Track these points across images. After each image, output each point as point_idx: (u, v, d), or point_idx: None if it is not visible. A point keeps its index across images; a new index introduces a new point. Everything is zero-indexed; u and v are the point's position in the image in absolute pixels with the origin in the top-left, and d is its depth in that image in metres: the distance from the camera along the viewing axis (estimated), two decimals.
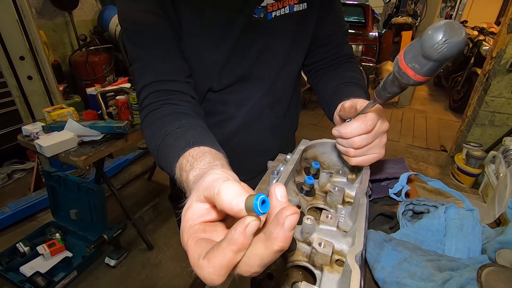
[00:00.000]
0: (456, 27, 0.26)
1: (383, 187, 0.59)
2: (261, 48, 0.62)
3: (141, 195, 2.35)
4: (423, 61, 0.28)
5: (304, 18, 0.64)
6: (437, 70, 0.29)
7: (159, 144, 0.46)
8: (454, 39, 0.26)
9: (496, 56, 2.36)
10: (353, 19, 5.63)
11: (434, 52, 0.27)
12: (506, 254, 0.34)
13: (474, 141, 2.55)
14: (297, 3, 0.62)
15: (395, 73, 0.32)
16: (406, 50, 0.30)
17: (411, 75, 0.30)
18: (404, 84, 0.33)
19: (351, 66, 0.69)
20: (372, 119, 0.44)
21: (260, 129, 0.70)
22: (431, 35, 0.27)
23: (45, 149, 1.26)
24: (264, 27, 0.60)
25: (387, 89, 0.35)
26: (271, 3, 0.59)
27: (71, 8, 2.96)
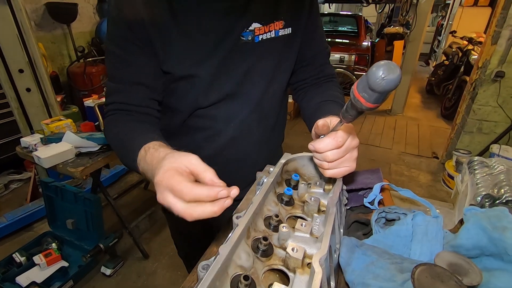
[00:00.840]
0: (392, 67, 0.32)
1: (359, 196, 0.63)
2: (248, 68, 0.67)
3: (137, 204, 2.38)
4: (370, 92, 0.34)
5: (289, 41, 0.69)
6: (382, 99, 0.35)
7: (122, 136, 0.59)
8: (390, 76, 0.32)
9: (482, 66, 2.44)
10: (346, 29, 5.77)
11: (376, 86, 0.33)
12: (443, 255, 0.39)
13: (463, 148, 2.62)
14: (282, 28, 0.67)
15: (352, 100, 0.38)
16: (358, 82, 0.36)
17: (363, 102, 0.36)
18: (359, 109, 0.38)
19: (332, 85, 0.75)
20: (342, 136, 0.49)
21: (248, 143, 0.75)
22: (374, 72, 0.32)
23: (44, 160, 1.29)
24: (251, 49, 0.65)
25: (348, 112, 0.40)
26: (258, 27, 0.64)
27: (69, 21, 3.04)
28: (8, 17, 1.84)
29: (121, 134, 0.59)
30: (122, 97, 0.62)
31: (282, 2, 0.66)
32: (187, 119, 0.72)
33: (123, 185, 2.57)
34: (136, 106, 0.63)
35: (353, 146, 0.51)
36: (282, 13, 0.66)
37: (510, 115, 2.39)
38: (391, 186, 0.62)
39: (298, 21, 0.69)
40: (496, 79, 2.33)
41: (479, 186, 0.55)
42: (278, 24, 0.66)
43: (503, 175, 0.57)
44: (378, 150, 3.37)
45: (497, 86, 2.35)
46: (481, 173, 0.59)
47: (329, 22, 6.26)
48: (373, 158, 3.17)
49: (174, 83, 0.66)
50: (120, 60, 0.61)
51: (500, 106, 2.39)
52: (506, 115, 2.40)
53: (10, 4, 1.83)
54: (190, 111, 0.70)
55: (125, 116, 0.62)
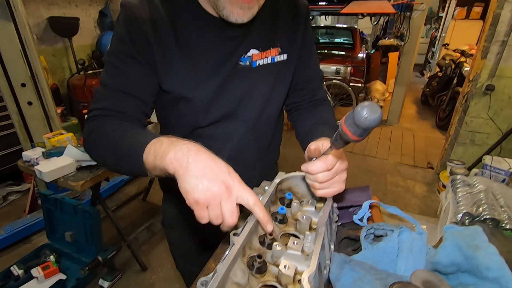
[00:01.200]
0: (374, 108, 0.36)
1: (350, 213, 0.67)
2: (245, 91, 0.71)
3: (136, 215, 2.39)
4: (355, 127, 0.38)
5: (284, 67, 0.74)
6: (366, 134, 0.40)
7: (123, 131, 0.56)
8: (372, 116, 0.36)
9: (473, 79, 2.52)
10: (343, 40, 5.90)
11: (361, 123, 0.37)
12: (419, 273, 0.42)
13: (457, 159, 2.67)
14: (278, 55, 0.72)
15: (340, 131, 0.42)
16: (346, 117, 0.40)
17: (350, 135, 0.40)
18: (346, 140, 0.42)
19: (324, 108, 0.80)
20: (332, 159, 0.53)
21: (244, 161, 0.79)
22: (359, 112, 0.37)
23: (45, 174, 1.32)
24: (249, 73, 0.70)
25: (338, 141, 0.45)
26: (256, 53, 0.69)
27: (71, 35, 3.10)
28: (12, 33, 1.89)
29: (121, 130, 0.56)
30: (113, 104, 0.61)
31: (278, 31, 0.71)
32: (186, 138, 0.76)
33: (122, 196, 2.58)
34: (126, 114, 0.62)
35: (342, 169, 0.55)
36: (278, 41, 0.72)
37: (501, 127, 2.45)
38: (380, 204, 0.66)
39: (293, 49, 0.74)
40: (487, 92, 2.40)
41: (460, 204, 0.59)
42: (275, 50, 0.71)
43: (482, 193, 0.60)
44: (375, 161, 3.41)
45: (488, 99, 2.42)
46: (463, 191, 0.63)
47: (326, 34, 6.40)
48: (370, 169, 3.21)
49: (174, 103, 0.69)
50: (117, 71, 0.62)
51: (491, 118, 2.45)
52: (497, 127, 2.46)
53: (15, 21, 1.89)
54: (189, 130, 0.74)
55: (118, 119, 0.61)
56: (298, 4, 0.74)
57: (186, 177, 0.43)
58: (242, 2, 0.57)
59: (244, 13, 0.58)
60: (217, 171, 0.44)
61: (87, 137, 0.62)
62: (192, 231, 0.92)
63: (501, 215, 0.55)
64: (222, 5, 0.58)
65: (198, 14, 0.64)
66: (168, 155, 0.45)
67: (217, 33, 0.65)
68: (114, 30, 0.63)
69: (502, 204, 0.58)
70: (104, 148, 0.58)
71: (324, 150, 0.54)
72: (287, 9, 0.72)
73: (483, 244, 0.42)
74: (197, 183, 0.42)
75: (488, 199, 0.58)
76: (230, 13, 0.58)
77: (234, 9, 0.57)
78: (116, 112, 0.61)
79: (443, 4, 7.47)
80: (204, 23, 0.64)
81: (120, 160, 0.55)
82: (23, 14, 1.89)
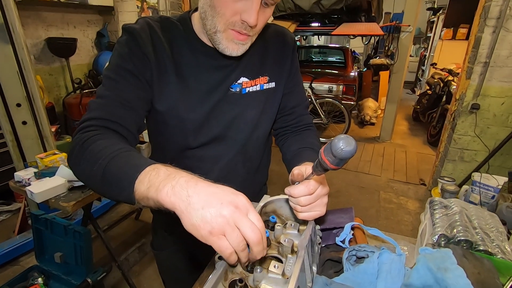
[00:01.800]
0: (350, 141, 0.40)
1: (333, 234, 0.69)
2: (235, 115, 0.75)
3: (128, 235, 2.36)
4: (333, 157, 0.42)
5: (272, 94, 0.79)
6: (343, 164, 0.43)
7: (115, 151, 0.50)
8: (348, 148, 0.40)
9: (459, 98, 2.60)
10: (335, 59, 6.08)
11: (337, 154, 0.41)
12: None
13: (447, 175, 2.71)
14: (266, 83, 0.78)
15: (319, 160, 0.45)
16: (325, 147, 0.44)
17: (328, 164, 0.44)
18: (325, 168, 0.45)
19: (309, 134, 0.84)
20: (313, 184, 0.56)
21: (233, 183, 0.81)
22: (336, 144, 0.40)
23: (36, 195, 1.32)
24: (238, 99, 0.74)
25: (318, 167, 0.48)
26: (246, 81, 0.74)
27: (68, 55, 3.16)
28: (9, 54, 1.93)
29: (116, 149, 0.51)
30: (110, 113, 0.59)
31: (267, 61, 0.77)
32: (176, 160, 0.78)
33: (114, 215, 2.56)
34: (122, 125, 0.60)
35: (323, 194, 0.58)
36: (267, 70, 0.77)
37: (487, 145, 2.51)
38: (361, 226, 0.68)
39: (281, 77, 0.79)
40: (473, 111, 2.48)
41: (436, 226, 0.62)
42: (263, 79, 0.76)
43: (457, 215, 0.63)
44: (368, 178, 3.44)
45: (474, 117, 2.50)
46: (439, 213, 0.66)
47: (319, 53, 6.59)
48: (363, 185, 3.24)
49: (166, 122, 0.72)
50: (115, 84, 0.62)
51: (478, 136, 2.52)
52: (484, 144, 2.52)
53: (13, 43, 1.93)
54: (179, 150, 0.77)
55: (112, 133, 0.58)
56: (286, 37, 0.80)
57: (190, 211, 0.39)
58: (237, 39, 0.63)
59: (238, 48, 0.64)
60: (221, 195, 0.41)
61: (75, 149, 0.55)
62: (181, 253, 0.92)
63: (475, 237, 0.57)
64: (219, 40, 0.63)
65: (194, 43, 0.69)
66: (165, 189, 0.41)
67: (211, 61, 0.70)
68: (114, 49, 0.65)
69: (476, 226, 0.60)
70: (91, 164, 0.50)
71: (307, 175, 0.57)
72: (276, 42, 0.78)
73: (452, 266, 0.44)
74: (204, 214, 0.38)
75: (462, 221, 0.60)
76: (226, 48, 0.64)
77: (230, 44, 0.63)
78: (112, 122, 0.59)
79: (430, 25, 7.78)
80: (199, 51, 0.70)
81: (107, 182, 0.48)
82: (21, 36, 1.94)
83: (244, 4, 0.58)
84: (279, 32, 0.80)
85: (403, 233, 2.47)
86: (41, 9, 2.97)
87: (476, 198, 2.31)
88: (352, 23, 3.98)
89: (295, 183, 0.60)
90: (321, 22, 4.32)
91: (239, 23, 0.60)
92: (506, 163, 2.54)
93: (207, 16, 0.62)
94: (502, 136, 2.46)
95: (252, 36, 0.65)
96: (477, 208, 0.66)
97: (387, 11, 6.78)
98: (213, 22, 0.61)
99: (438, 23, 6.85)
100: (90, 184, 0.53)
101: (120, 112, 0.61)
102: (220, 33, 0.62)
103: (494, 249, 0.57)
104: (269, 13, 0.63)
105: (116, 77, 0.62)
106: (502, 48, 2.26)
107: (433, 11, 7.29)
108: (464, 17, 5.66)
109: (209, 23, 0.62)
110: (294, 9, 3.58)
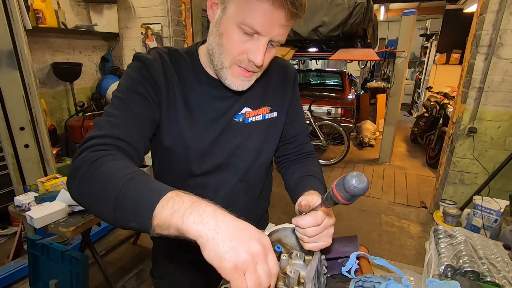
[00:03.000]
0: (362, 178, 0.42)
1: (339, 264, 0.69)
2: (238, 144, 0.77)
3: (125, 260, 2.30)
4: (345, 193, 0.43)
5: (274, 123, 0.82)
6: (354, 199, 0.45)
7: (131, 174, 0.48)
8: (360, 186, 0.42)
9: (456, 121, 2.65)
10: (333, 82, 6.23)
11: (350, 191, 0.43)
12: None
13: (448, 198, 2.70)
14: (269, 112, 0.80)
15: (331, 194, 0.46)
16: (337, 182, 0.45)
17: (340, 199, 0.45)
18: (336, 202, 0.46)
19: (311, 161, 0.86)
20: (321, 215, 0.57)
21: (235, 210, 0.81)
22: (349, 181, 0.42)
23: (36, 221, 1.31)
24: (242, 128, 0.77)
25: (328, 201, 0.49)
26: (249, 111, 0.77)
27: (73, 79, 3.24)
28: (17, 79, 1.98)
29: (131, 171, 0.48)
30: (119, 131, 0.57)
31: (269, 93, 0.80)
32: (178, 187, 0.79)
33: (111, 239, 2.51)
34: (130, 144, 0.58)
35: (330, 224, 0.59)
36: (269, 101, 0.80)
37: (487, 168, 2.52)
38: (366, 256, 0.68)
39: (282, 107, 0.82)
40: (470, 134, 2.52)
41: (442, 256, 0.62)
42: (266, 109, 0.79)
43: (462, 245, 0.63)
44: (368, 200, 3.42)
45: (472, 140, 2.53)
46: (444, 242, 0.66)
47: (317, 77, 6.77)
48: (364, 208, 3.21)
49: (171, 148, 0.74)
50: (124, 103, 0.62)
51: (477, 159, 2.54)
52: (483, 167, 2.53)
53: (21, 69, 1.99)
54: (182, 177, 0.78)
55: (122, 153, 0.56)
56: (287, 69, 0.84)
57: (217, 241, 0.38)
58: (243, 76, 0.66)
59: (243, 84, 0.68)
60: (249, 231, 0.40)
61: (80, 168, 0.50)
62: (182, 282, 0.91)
63: (481, 267, 0.57)
64: (225, 76, 0.66)
65: (200, 74, 0.73)
66: (192, 216, 0.40)
67: (216, 91, 0.73)
68: (125, 73, 0.67)
69: (481, 255, 0.60)
70: (102, 186, 0.47)
71: (314, 206, 0.58)
72: (278, 74, 0.82)
73: None
74: (233, 246, 0.38)
75: (468, 250, 0.60)
76: (232, 83, 0.67)
77: (235, 80, 0.67)
78: (121, 141, 0.57)
79: (424, 50, 8.05)
80: (204, 82, 0.73)
81: (122, 206, 0.44)
82: (29, 62, 2.00)
83: (252, 45, 0.61)
84: (281, 64, 0.84)
85: (407, 258, 2.42)
86: (49, 35, 3.08)
87: (479, 222, 2.29)
88: (349, 49, 4.13)
89: (302, 213, 0.60)
90: (318, 47, 4.48)
91: (246, 61, 0.63)
92: (507, 186, 2.54)
93: (215, 53, 0.65)
94: (500, 159, 2.48)
95: (257, 73, 0.68)
96: (482, 237, 0.66)
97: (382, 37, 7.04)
98: (220, 59, 0.65)
99: (431, 48, 7.08)
100: (96, 206, 0.48)
101: (130, 131, 0.59)
102: (227, 69, 0.65)
103: (501, 281, 0.57)
104: (274, 52, 0.66)
105: (127, 97, 0.62)
106: (495, 74, 2.34)
107: (426, 37, 7.56)
108: (456, 43, 5.87)
109: (216, 60, 0.65)
110: (293, 35, 3.73)
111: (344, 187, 0.43)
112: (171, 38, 3.25)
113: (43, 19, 2.73)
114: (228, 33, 0.61)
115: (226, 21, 0.60)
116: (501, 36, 2.24)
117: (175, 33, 3.28)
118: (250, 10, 0.56)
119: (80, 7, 3.42)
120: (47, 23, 2.75)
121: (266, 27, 0.58)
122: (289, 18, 0.58)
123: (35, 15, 2.68)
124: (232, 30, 0.60)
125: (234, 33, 0.60)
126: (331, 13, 3.41)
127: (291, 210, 3.00)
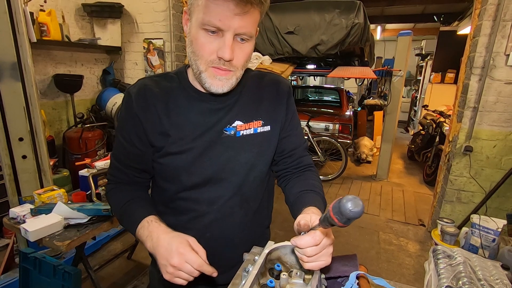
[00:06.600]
0: (358, 202, 0.43)
1: (338, 283, 0.68)
2: (229, 157, 0.78)
3: (119, 275, 2.25)
4: (341, 216, 0.44)
5: (267, 137, 0.82)
6: (350, 222, 0.45)
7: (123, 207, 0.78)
8: (355, 209, 0.43)
9: (452, 140, 2.69)
10: (331, 98, 6.32)
11: (346, 214, 0.44)
12: None
13: (446, 217, 2.70)
14: (261, 126, 0.81)
15: (327, 216, 0.47)
16: (333, 205, 0.47)
17: (336, 221, 0.46)
18: (333, 224, 0.47)
19: (310, 174, 0.86)
20: (319, 235, 0.57)
21: (231, 225, 0.82)
22: (344, 204, 0.43)
23: (30, 234, 1.29)
24: (233, 141, 0.78)
25: (324, 222, 0.50)
26: (240, 124, 0.78)
27: (74, 91, 3.26)
28: (18, 91, 2.00)
29: (123, 203, 0.78)
30: (123, 175, 0.82)
31: (261, 107, 0.81)
32: (172, 201, 0.82)
33: (106, 253, 2.46)
34: (133, 182, 0.82)
35: (328, 244, 0.59)
36: (261, 115, 0.81)
37: (483, 187, 2.54)
38: (366, 275, 0.68)
39: (275, 122, 0.83)
40: (466, 153, 2.54)
41: (442, 277, 0.62)
42: (257, 123, 0.80)
43: (461, 266, 0.63)
44: (366, 217, 3.40)
45: (468, 159, 2.56)
46: (443, 263, 0.66)
47: (315, 93, 6.87)
48: (362, 225, 3.19)
49: (160, 164, 0.77)
50: (123, 147, 0.79)
51: (473, 177, 2.56)
52: (480, 186, 2.55)
53: (23, 80, 2.00)
54: (174, 191, 0.79)
55: (127, 185, 0.82)
56: (280, 85, 0.85)
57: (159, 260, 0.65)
58: (219, 75, 0.69)
59: (222, 84, 0.70)
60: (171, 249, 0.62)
61: (108, 191, 0.84)
62: None
63: None
64: (204, 79, 0.70)
65: (189, 91, 0.77)
66: (148, 244, 0.68)
67: (205, 104, 0.76)
68: (120, 110, 0.79)
69: (481, 277, 0.60)
70: (115, 206, 0.81)
71: (313, 225, 0.58)
72: (271, 90, 0.84)
73: None
74: (164, 264, 0.63)
75: (467, 272, 0.61)
76: (211, 85, 0.70)
77: (213, 81, 0.69)
78: (125, 180, 0.82)
79: (420, 69, 8.24)
80: (193, 97, 0.77)
81: (124, 221, 0.78)
82: (32, 74, 2.02)
83: (218, 42, 0.64)
84: (274, 80, 0.86)
85: (405, 277, 2.39)
86: (53, 48, 3.13)
87: (477, 241, 2.28)
88: (347, 67, 4.22)
89: (301, 232, 0.61)
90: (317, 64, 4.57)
91: (217, 60, 0.67)
92: (504, 205, 2.55)
93: (192, 62, 0.70)
94: (497, 178, 2.50)
95: (235, 71, 0.70)
96: (480, 258, 0.66)
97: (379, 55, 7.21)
98: (197, 65, 0.69)
99: (426, 67, 7.25)
100: (116, 216, 0.83)
101: (130, 173, 0.81)
102: (203, 73, 0.69)
103: None
104: (248, 48, 0.69)
105: (122, 140, 0.78)
106: (489, 94, 2.39)
107: (422, 57, 7.76)
108: (450, 63, 6.02)
109: (194, 67, 0.70)
110: (292, 53, 3.81)
111: (340, 210, 0.44)
112: (172, 53, 3.32)
113: (48, 32, 2.78)
114: (196, 37, 0.65)
115: (192, 28, 0.66)
116: (494, 59, 2.31)
117: (177, 48, 3.34)
118: (207, 9, 0.61)
119: (84, 21, 3.49)
120: (51, 36, 2.80)
121: (224, 20, 0.61)
122: (243, 5, 0.61)
123: (39, 28, 2.73)
124: (198, 34, 0.65)
125: (200, 36, 0.65)
126: (329, 32, 3.50)
127: (288, 226, 2.96)
